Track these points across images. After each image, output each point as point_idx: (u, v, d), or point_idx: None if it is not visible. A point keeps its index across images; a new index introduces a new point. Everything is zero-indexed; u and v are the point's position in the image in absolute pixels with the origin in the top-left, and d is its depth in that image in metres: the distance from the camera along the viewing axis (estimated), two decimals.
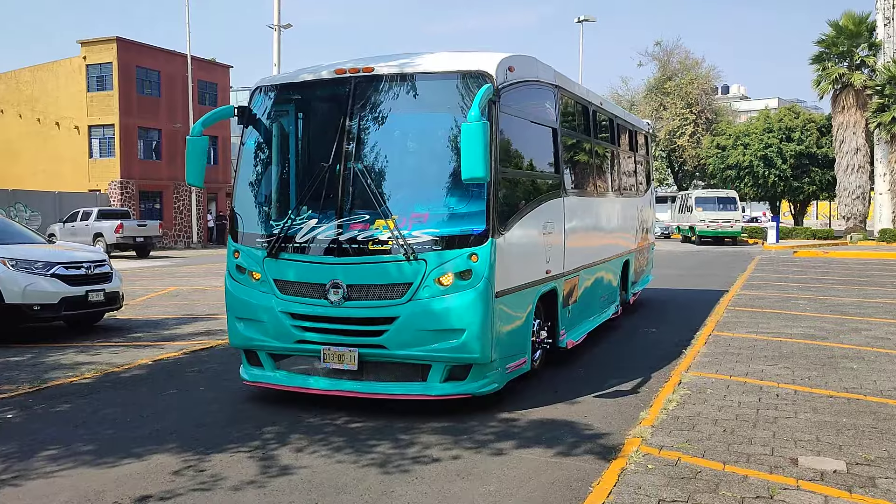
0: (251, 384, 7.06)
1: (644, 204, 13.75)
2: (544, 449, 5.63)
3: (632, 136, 13.04)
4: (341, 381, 6.61)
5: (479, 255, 6.24)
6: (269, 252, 6.73)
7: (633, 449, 5.40)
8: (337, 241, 6.46)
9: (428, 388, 6.42)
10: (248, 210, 7.11)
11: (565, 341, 8.35)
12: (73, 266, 10.44)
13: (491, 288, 6.31)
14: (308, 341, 6.60)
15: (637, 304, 13.26)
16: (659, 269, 20.75)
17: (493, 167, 6.32)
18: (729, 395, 6.92)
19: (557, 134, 8.29)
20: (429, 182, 6.69)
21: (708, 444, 5.52)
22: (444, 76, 6.71)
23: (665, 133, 49.43)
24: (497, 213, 6.39)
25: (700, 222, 35.83)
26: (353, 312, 6.42)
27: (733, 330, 10.43)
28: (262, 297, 6.77)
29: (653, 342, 10.08)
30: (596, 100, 10.43)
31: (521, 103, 7.27)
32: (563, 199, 8.26)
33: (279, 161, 7.23)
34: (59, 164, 38.54)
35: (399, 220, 6.35)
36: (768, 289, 15.81)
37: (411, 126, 6.86)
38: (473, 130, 5.82)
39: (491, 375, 6.57)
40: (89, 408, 6.85)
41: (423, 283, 6.26)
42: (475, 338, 6.25)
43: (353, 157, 6.58)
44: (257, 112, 7.22)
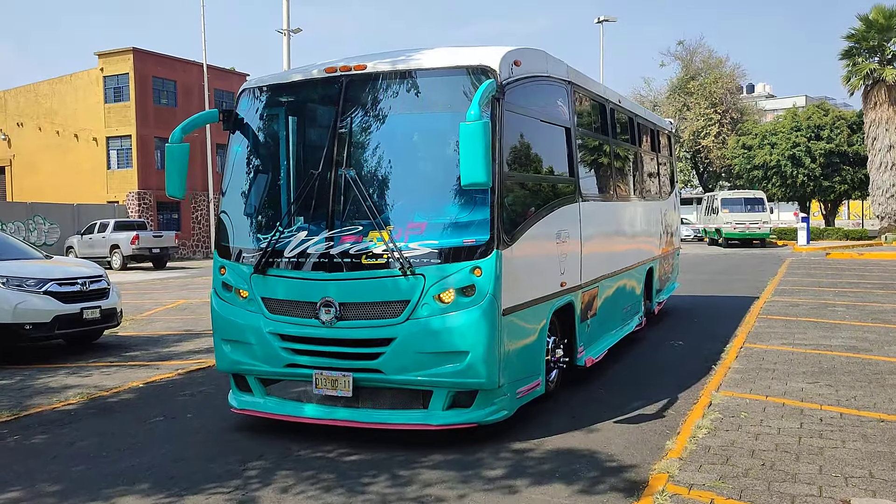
0: (239, 412, 6.49)
1: (668, 207, 13.00)
2: (562, 486, 4.99)
3: (653, 135, 12.32)
4: (335, 409, 6.04)
5: (482, 269, 5.64)
6: (257, 268, 6.18)
7: (658, 489, 4.74)
8: (328, 255, 5.92)
9: (429, 417, 5.82)
10: (234, 222, 6.57)
11: (584, 359, 7.69)
12: (67, 282, 9.98)
13: (497, 304, 5.71)
14: (299, 365, 6.04)
15: (662, 314, 12.54)
16: (685, 275, 19.97)
17: (498, 171, 5.75)
18: (766, 419, 6.23)
19: (571, 134, 7.64)
20: (427, 189, 6.15)
21: (745, 482, 4.85)
22: (442, 73, 6.11)
23: (689, 134, 48.44)
24: (502, 221, 5.80)
25: (727, 224, 34.83)
26: (346, 333, 5.86)
27: (767, 341, 9.70)
28: (249, 317, 6.22)
29: (679, 356, 9.37)
30: (614, 97, 9.75)
31: (530, 101, 6.67)
32: (579, 204, 7.63)
33: (267, 168, 6.71)
34: (78, 176, 38.52)
35: (395, 231, 5.81)
36: (802, 294, 15.00)
37: (408, 128, 6.26)
38: (473, 131, 5.25)
39: (499, 402, 5.95)
40: (66, 439, 6.33)
41: (421, 300, 5.68)
42: (480, 361, 5.63)
43: (344, 163, 6.03)
44: (244, 116, 6.69)
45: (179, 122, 6.91)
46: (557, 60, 7.48)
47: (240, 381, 6.50)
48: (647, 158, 11.79)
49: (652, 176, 12.08)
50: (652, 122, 12.35)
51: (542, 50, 7.07)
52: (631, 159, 10.58)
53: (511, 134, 6.16)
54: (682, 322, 12.11)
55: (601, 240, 8.58)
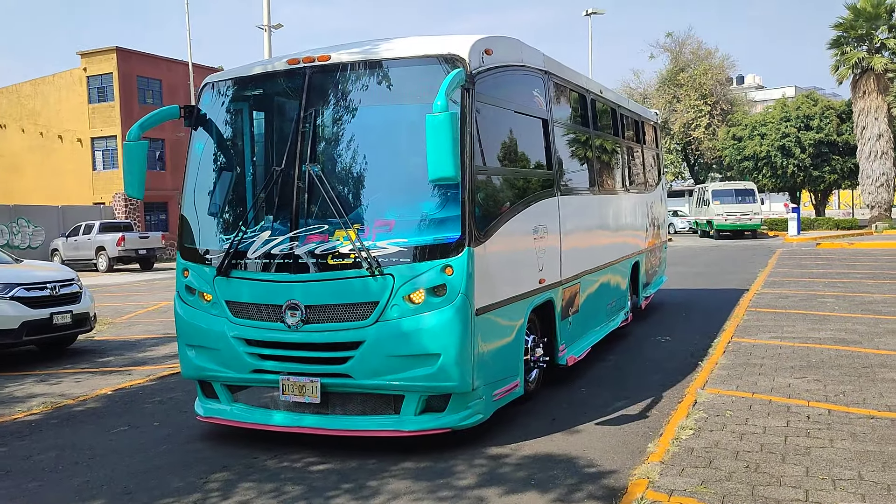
0: (205, 420, 6.22)
1: (654, 199, 12.66)
2: (536, 494, 4.75)
3: (638, 126, 12.00)
4: (303, 416, 5.78)
5: (453, 268, 5.40)
6: (220, 270, 5.92)
7: (637, 496, 4.51)
8: (292, 255, 5.66)
9: (401, 423, 5.56)
10: (197, 222, 6.31)
11: (565, 357, 7.42)
12: (36, 287, 9.69)
13: (469, 304, 5.46)
14: (265, 370, 5.80)
15: (650, 308, 12.31)
16: (675, 267, 19.77)
17: (469, 165, 5.49)
18: (752, 417, 6.00)
19: (549, 125, 7.36)
20: (396, 185, 5.89)
21: (728, 487, 4.61)
22: (410, 63, 5.84)
23: (679, 126, 48.25)
24: (475, 217, 5.54)
25: (717, 216, 34.68)
26: (313, 337, 5.61)
27: (755, 335, 9.48)
28: (213, 322, 5.98)
29: (666, 353, 9.14)
30: (595, 87, 9.47)
31: (503, 91, 6.40)
32: (558, 198, 7.35)
33: (229, 165, 6.45)
34: (63, 178, 38.12)
35: (362, 229, 5.57)
36: (791, 286, 14.80)
37: (375, 121, 5.99)
38: (440, 122, 5.00)
39: (474, 405, 5.69)
40: (23, 452, 6.06)
41: (390, 301, 5.44)
42: (453, 363, 5.39)
43: (308, 159, 5.77)
44: (206, 111, 6.42)
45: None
46: (533, 49, 7.21)
47: (206, 387, 6.24)
48: (632, 150, 11.47)
49: (637, 168, 11.75)
50: (636, 112, 12.06)
51: (515, 38, 6.81)
52: (614, 151, 10.29)
53: (483, 126, 5.89)
54: (670, 316, 11.89)
55: (582, 234, 8.33)
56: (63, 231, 31.90)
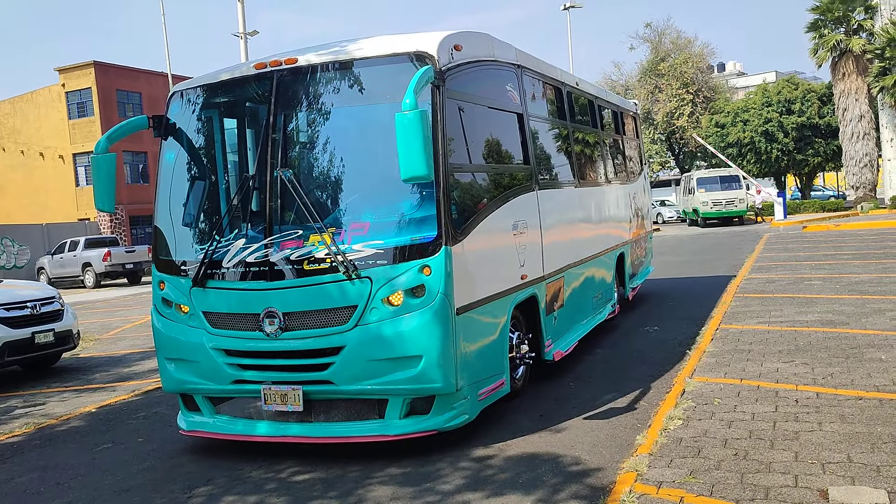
0: (188, 433, 6.14)
1: (637, 190, 12.57)
2: (521, 496, 4.67)
3: (617, 117, 11.94)
4: (287, 425, 5.69)
5: (431, 268, 5.33)
6: (195, 280, 5.83)
7: (626, 490, 4.45)
8: (267, 262, 5.58)
9: (385, 427, 5.48)
10: (170, 233, 6.23)
11: (552, 353, 7.35)
12: (16, 307, 9.56)
13: (449, 304, 5.39)
14: (246, 381, 5.71)
15: (638, 299, 12.29)
16: (662, 257, 19.78)
17: (442, 162, 5.43)
18: (740, 404, 5.96)
19: (524, 120, 7.28)
20: (369, 186, 5.81)
21: (717, 476, 4.56)
22: (378, 62, 5.75)
23: (663, 115, 48.35)
24: (451, 215, 5.48)
25: (703, 204, 34.63)
26: (292, 345, 5.52)
27: (742, 321, 9.45)
28: (191, 333, 5.89)
29: (654, 343, 9.10)
30: (571, 80, 9.39)
31: (475, 87, 6.32)
32: (537, 192, 7.27)
33: (201, 175, 6.36)
34: (47, 196, 37.86)
35: (336, 233, 5.49)
36: (779, 270, 14.79)
37: (345, 123, 5.91)
38: (409, 121, 4.91)
39: (459, 406, 5.61)
40: (4, 475, 5.96)
41: (369, 304, 5.36)
42: (435, 364, 5.32)
43: (279, 164, 5.67)
44: (175, 121, 6.32)
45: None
46: (504, 44, 7.13)
47: (188, 400, 6.15)
48: (611, 141, 11.40)
49: (617, 159, 11.67)
50: (614, 104, 11.98)
51: (485, 33, 6.74)
52: (593, 143, 10.21)
53: (455, 122, 5.82)
54: (658, 306, 11.86)
55: (564, 228, 8.24)
56: (48, 249, 31.65)
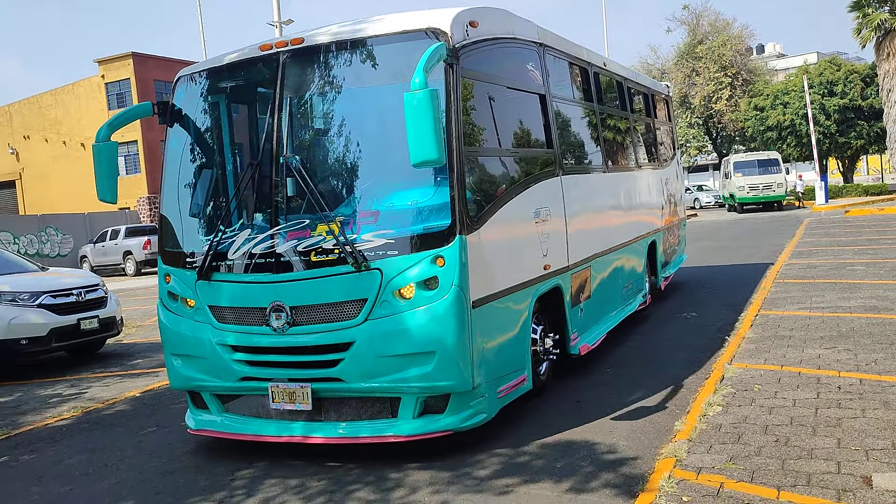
0: (196, 433, 5.91)
1: (669, 175, 12.10)
2: (555, 483, 4.69)
3: (647, 99, 11.51)
4: (295, 425, 5.43)
5: (445, 258, 5.03)
6: (200, 273, 5.60)
7: (664, 475, 4.44)
8: (273, 254, 5.34)
9: (398, 427, 5.21)
10: (176, 224, 6.03)
11: (577, 347, 7.02)
12: (62, 294, 9.80)
13: (464, 297, 5.09)
14: (253, 378, 5.48)
15: (673, 286, 12.15)
16: (699, 242, 19.57)
17: (457, 146, 5.14)
18: (781, 391, 5.90)
19: (547, 101, 6.96)
20: (379, 172, 5.52)
21: (757, 462, 4.53)
22: (388, 40, 5.41)
23: (700, 99, 47.60)
24: (465, 203, 5.17)
25: (739, 189, 33.45)
26: (300, 340, 5.27)
27: (783, 307, 9.32)
28: (198, 328, 5.66)
29: (692, 329, 9.02)
30: (598, 60, 9.00)
31: (492, 66, 6.04)
32: (560, 178, 6.94)
33: (207, 162, 6.16)
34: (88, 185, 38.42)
35: (345, 222, 5.23)
36: (820, 255, 14.54)
37: (355, 105, 5.67)
38: (419, 101, 4.61)
39: (476, 404, 5.32)
40: (55, 457, 6.14)
41: (379, 298, 5.09)
42: (449, 361, 5.04)
43: (285, 150, 5.44)
44: (181, 107, 6.07)
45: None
46: (525, 21, 6.83)
47: (196, 398, 5.95)
48: (641, 124, 11.01)
49: (648, 143, 11.26)
50: (645, 85, 11.54)
51: (504, 9, 6.41)
52: (622, 126, 9.82)
53: (471, 104, 5.53)
54: (694, 292, 11.73)
55: (591, 215, 7.90)
56: (90, 237, 32.33)
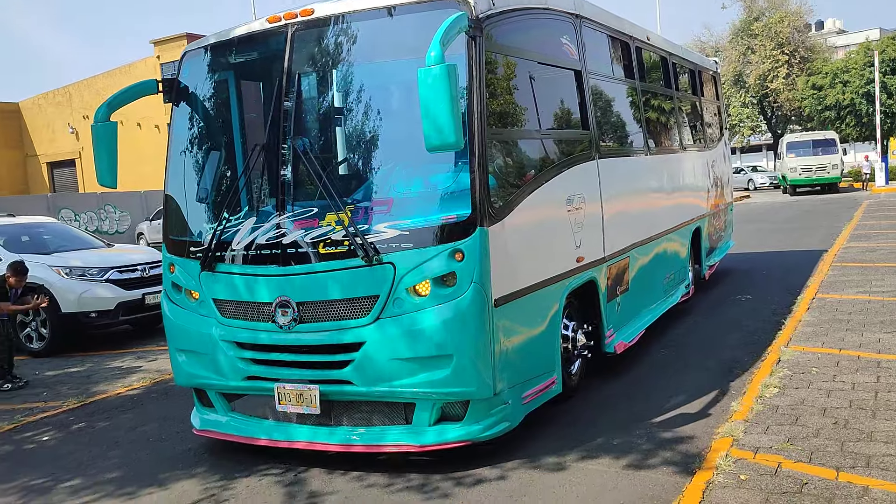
0: (200, 433, 5.57)
1: (716, 157, 11.38)
2: (612, 459, 4.80)
3: (694, 76, 10.76)
4: (302, 429, 5.09)
5: (464, 252, 4.59)
6: (204, 264, 5.24)
7: (722, 454, 4.51)
8: (279, 245, 4.96)
9: (412, 435, 4.83)
10: (181, 210, 5.68)
11: (613, 344, 6.50)
12: (128, 269, 10.19)
13: (485, 294, 4.65)
14: (259, 377, 5.13)
15: (727, 269, 12.00)
16: (752, 224, 19.28)
17: (479, 127, 4.68)
18: (839, 374, 5.87)
19: (583, 78, 6.43)
20: (393, 157, 5.13)
21: (816, 444, 4.56)
22: (406, 10, 4.97)
23: (755, 78, 46.47)
24: (488, 191, 4.71)
25: (791, 170, 31.90)
26: (307, 339, 4.91)
27: (841, 290, 9.20)
28: (202, 323, 5.33)
29: (747, 311, 8.95)
30: (640, 34, 8.33)
31: (522, 38, 5.56)
32: (597, 161, 6.43)
33: (212, 144, 5.81)
34: (144, 164, 39.50)
35: (356, 211, 4.84)
36: (879, 238, 14.21)
37: (368, 83, 5.21)
38: (434, 77, 4.18)
39: (498, 412, 4.89)
40: (128, 424, 6.45)
41: (392, 294, 4.68)
42: (468, 365, 4.62)
43: (293, 132, 5.06)
44: (187, 85, 5.68)
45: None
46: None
47: (203, 396, 5.61)
48: (687, 103, 10.37)
49: (694, 123, 10.61)
50: (691, 61, 10.75)
51: None
52: (665, 105, 9.17)
53: (497, 80, 5.09)
54: (749, 276, 11.58)
55: (630, 201, 7.37)
56: (147, 215, 33.25)
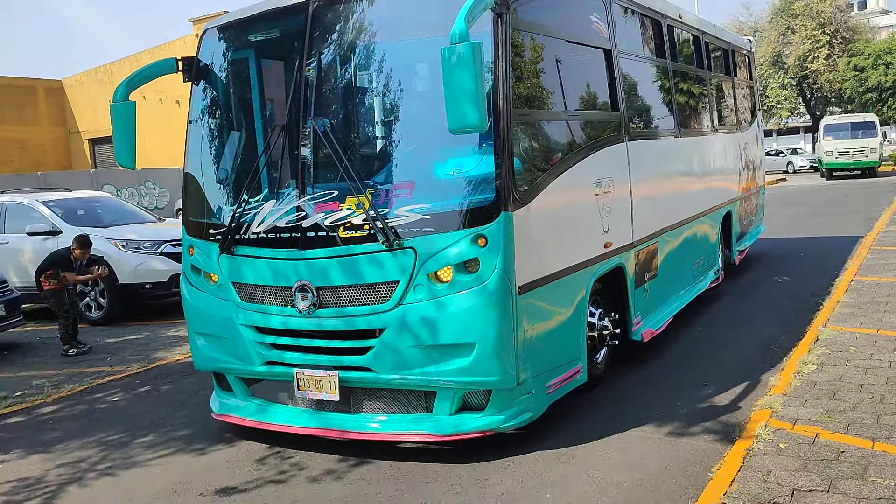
0: (219, 418, 5.52)
1: (748, 139, 11.15)
2: (656, 426, 5.04)
3: (727, 56, 10.53)
4: (320, 415, 5.03)
5: (487, 238, 4.49)
6: (223, 246, 5.18)
7: (761, 424, 4.73)
8: (299, 228, 4.88)
9: (432, 424, 4.74)
10: (201, 192, 5.63)
11: (640, 332, 6.37)
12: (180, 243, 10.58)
13: (509, 281, 4.54)
14: (278, 362, 5.07)
15: (755, 258, 11.87)
16: (789, 208, 19.20)
17: (505, 108, 4.56)
18: (877, 353, 6.04)
19: (613, 58, 6.29)
20: (415, 138, 4.99)
21: (852, 416, 4.76)
22: None
23: (795, 59, 45.72)
24: (514, 174, 4.59)
25: (827, 154, 30.95)
26: (326, 324, 4.84)
27: (880, 273, 9.28)
28: (221, 307, 5.26)
29: (785, 292, 9.09)
30: (672, 12, 8.11)
31: (550, 16, 5.46)
32: (627, 143, 6.30)
33: (232, 125, 5.75)
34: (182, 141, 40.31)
35: (377, 194, 4.74)
36: None
37: (392, 62, 5.07)
38: (459, 56, 4.06)
39: (521, 401, 4.79)
40: (191, 388, 6.83)
41: (413, 280, 4.59)
42: (491, 353, 4.52)
43: (312, 112, 4.94)
44: (206, 63, 5.60)
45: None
46: None
47: (222, 380, 5.58)
48: (719, 84, 10.15)
49: (726, 104, 10.41)
50: (725, 40, 10.49)
51: None
52: (697, 86, 9.01)
53: (524, 60, 4.99)
54: (786, 258, 11.65)
55: (660, 185, 7.25)
56: None
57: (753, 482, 3.95)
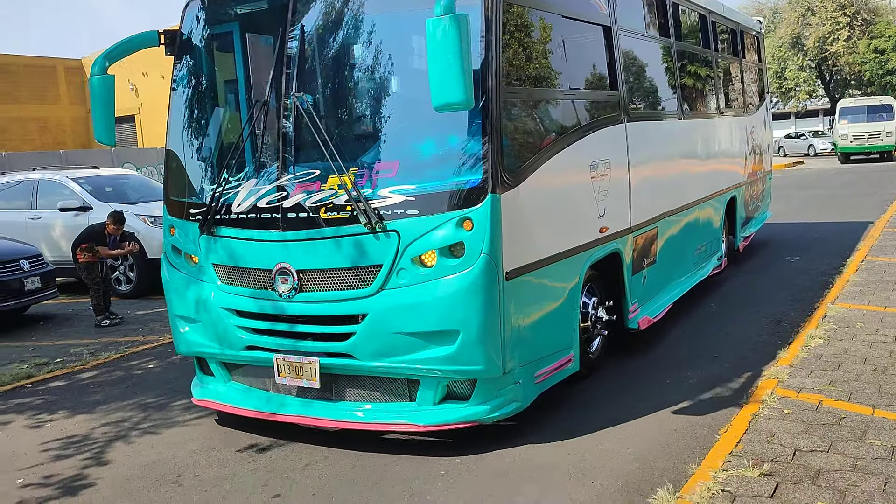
0: (198, 403, 5.38)
1: (756, 123, 10.87)
2: (667, 395, 5.30)
3: (735, 37, 10.26)
4: (299, 403, 4.90)
5: (473, 221, 4.30)
6: (203, 227, 5.03)
7: (767, 391, 4.97)
8: (280, 208, 4.71)
9: (416, 415, 4.59)
10: (182, 170, 5.43)
11: (637, 319, 6.19)
12: None
13: (496, 266, 4.35)
14: (259, 347, 4.91)
15: (768, 238, 11.94)
16: (805, 191, 19.27)
17: (493, 86, 4.36)
18: (882, 328, 6.25)
19: (612, 35, 6.04)
20: (402, 116, 4.85)
21: (855, 386, 4.99)
22: None
23: (814, 41, 45.34)
24: (503, 155, 4.40)
25: (842, 137, 30.41)
26: (307, 308, 4.69)
27: (891, 254, 9.45)
28: (201, 289, 5.10)
29: (796, 271, 9.30)
30: None
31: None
32: (625, 124, 6.08)
33: (213, 102, 5.57)
34: None
35: (360, 174, 4.57)
36: None
37: (375, 37, 4.90)
38: (444, 28, 3.92)
39: (508, 391, 4.63)
40: None
41: (396, 264, 4.43)
42: (476, 341, 4.36)
43: (293, 87, 4.77)
44: (189, 37, 5.41)
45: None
46: None
47: (204, 364, 5.44)
48: (726, 65, 9.92)
49: (732, 86, 10.16)
50: (733, 20, 10.17)
51: None
52: (702, 67, 8.73)
53: (516, 34, 4.78)
54: (799, 239, 11.79)
55: (661, 168, 7.01)
56: None
57: (758, 443, 4.20)
